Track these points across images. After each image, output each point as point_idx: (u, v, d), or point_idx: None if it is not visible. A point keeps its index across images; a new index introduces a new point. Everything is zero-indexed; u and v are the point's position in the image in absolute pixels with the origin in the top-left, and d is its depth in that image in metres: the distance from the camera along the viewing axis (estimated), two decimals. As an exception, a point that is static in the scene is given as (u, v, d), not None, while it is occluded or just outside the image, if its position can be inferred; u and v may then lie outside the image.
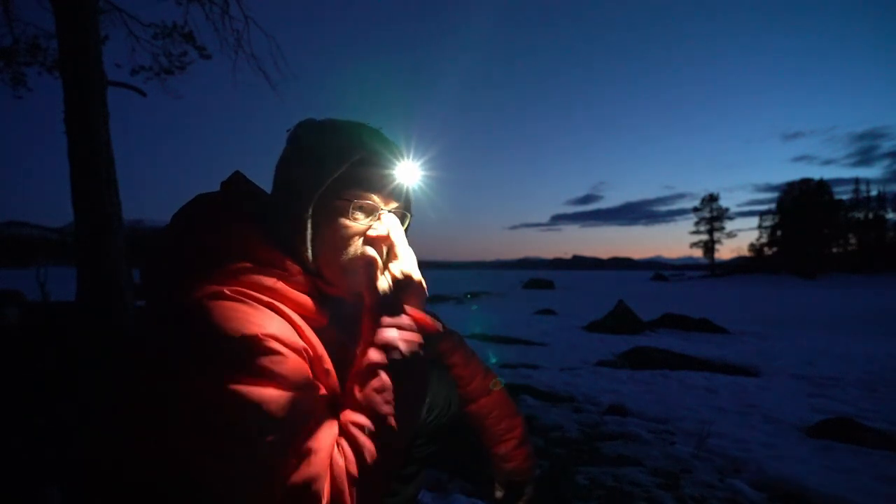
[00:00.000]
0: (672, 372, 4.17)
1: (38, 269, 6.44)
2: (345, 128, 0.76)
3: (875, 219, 50.77)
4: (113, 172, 4.28)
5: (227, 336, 0.56)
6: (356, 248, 0.73)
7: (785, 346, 6.25)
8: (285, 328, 0.62)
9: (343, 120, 0.79)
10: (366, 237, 0.74)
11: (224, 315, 0.58)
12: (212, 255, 0.66)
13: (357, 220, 0.74)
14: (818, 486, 1.68)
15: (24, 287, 6.98)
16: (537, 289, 28.28)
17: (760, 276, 43.67)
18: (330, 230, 0.72)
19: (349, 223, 0.73)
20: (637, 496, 1.63)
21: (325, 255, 0.73)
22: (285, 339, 0.60)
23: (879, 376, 4.16)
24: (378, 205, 0.75)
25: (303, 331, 0.66)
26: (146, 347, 0.62)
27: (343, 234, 0.73)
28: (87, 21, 4.06)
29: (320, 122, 0.78)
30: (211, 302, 0.59)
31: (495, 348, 5.37)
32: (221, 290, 0.61)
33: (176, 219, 0.74)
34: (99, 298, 4.09)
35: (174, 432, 0.57)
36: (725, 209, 60.57)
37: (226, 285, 0.62)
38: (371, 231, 0.74)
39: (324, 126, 0.77)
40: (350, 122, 0.78)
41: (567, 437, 2.24)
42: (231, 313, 0.58)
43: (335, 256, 0.73)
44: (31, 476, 1.44)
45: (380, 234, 0.74)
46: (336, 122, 0.78)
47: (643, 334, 7.59)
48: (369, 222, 0.75)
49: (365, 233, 0.74)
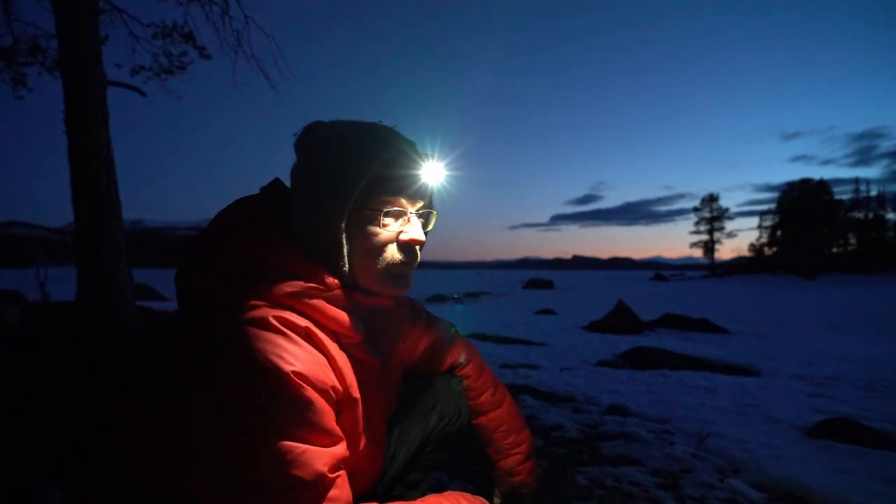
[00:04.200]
0: (672, 372, 4.17)
1: (38, 269, 6.44)
2: (361, 131, 0.74)
3: (875, 219, 50.74)
4: (113, 172, 4.28)
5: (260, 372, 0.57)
6: (391, 255, 0.73)
7: (785, 346, 6.24)
8: (317, 366, 0.63)
9: (356, 122, 0.76)
10: (399, 242, 0.74)
11: (262, 348, 0.59)
12: (258, 269, 0.66)
13: (387, 226, 0.73)
14: (818, 486, 1.68)
15: (24, 287, 6.97)
16: (537, 289, 28.28)
17: (760, 276, 43.67)
18: (361, 240, 0.72)
19: (380, 230, 0.72)
20: (637, 496, 1.63)
21: (361, 265, 0.72)
22: (315, 379, 0.61)
23: (879, 376, 4.15)
24: (406, 208, 0.74)
25: (335, 360, 0.67)
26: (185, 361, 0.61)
27: (375, 242, 0.72)
28: (87, 21, 4.06)
29: (332, 126, 0.75)
30: (254, 330, 0.60)
31: (495, 348, 5.37)
32: (266, 319, 0.61)
33: (217, 224, 0.72)
34: (99, 298, 4.09)
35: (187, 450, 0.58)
36: (725, 209, 60.56)
37: (271, 308, 0.63)
38: (403, 235, 0.74)
39: (339, 132, 0.74)
40: (364, 124, 0.76)
41: (567, 437, 2.24)
42: (268, 347, 0.59)
43: (371, 266, 0.72)
44: (31, 476, 1.44)
45: (413, 238, 0.74)
46: (350, 127, 0.75)
47: (643, 334, 7.58)
48: (400, 227, 0.74)
49: (398, 237, 0.74)
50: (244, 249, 0.68)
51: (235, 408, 0.56)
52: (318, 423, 0.59)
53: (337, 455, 0.61)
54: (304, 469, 0.56)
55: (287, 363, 0.58)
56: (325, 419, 0.61)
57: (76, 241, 4.15)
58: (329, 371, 0.65)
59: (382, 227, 0.72)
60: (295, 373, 0.58)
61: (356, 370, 0.72)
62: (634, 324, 7.96)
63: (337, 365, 0.67)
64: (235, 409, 0.56)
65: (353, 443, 0.70)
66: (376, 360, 0.77)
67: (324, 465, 0.58)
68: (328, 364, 0.66)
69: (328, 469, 0.58)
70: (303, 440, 0.57)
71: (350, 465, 0.68)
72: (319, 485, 0.57)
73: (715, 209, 60.40)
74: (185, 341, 0.63)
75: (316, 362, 0.63)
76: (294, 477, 0.55)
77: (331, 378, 0.65)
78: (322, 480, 0.57)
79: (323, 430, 0.60)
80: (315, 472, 0.56)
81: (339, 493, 0.59)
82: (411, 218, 0.75)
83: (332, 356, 0.67)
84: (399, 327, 0.95)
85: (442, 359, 1.08)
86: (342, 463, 0.62)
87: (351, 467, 0.70)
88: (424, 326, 1.05)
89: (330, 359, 0.66)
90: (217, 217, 0.73)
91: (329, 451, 0.60)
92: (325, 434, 0.60)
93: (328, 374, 0.64)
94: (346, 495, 0.61)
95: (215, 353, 0.59)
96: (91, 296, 4.10)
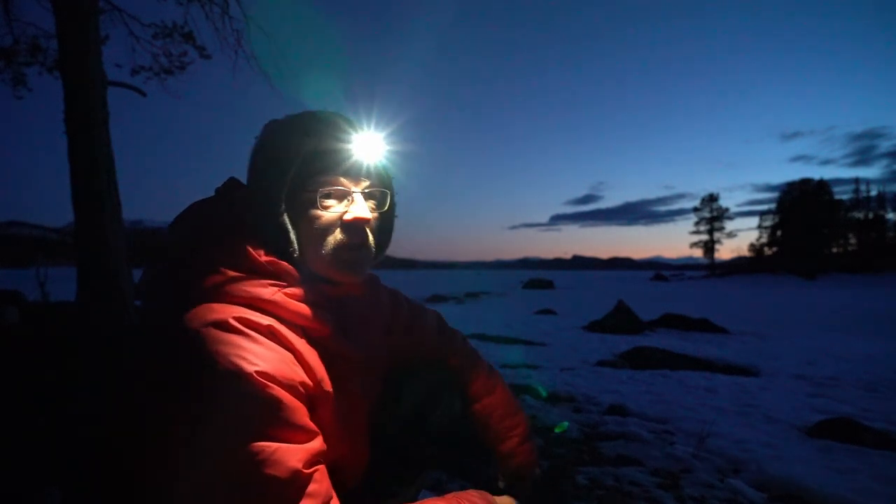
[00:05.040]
0: (672, 372, 4.17)
1: (38, 269, 6.43)
2: (294, 120, 0.75)
3: (875, 219, 50.71)
4: (113, 172, 4.28)
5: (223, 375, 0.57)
6: (335, 237, 0.72)
7: (785, 346, 6.24)
8: (283, 363, 0.63)
9: (296, 113, 0.77)
10: (343, 222, 0.72)
11: (223, 351, 0.59)
12: (216, 270, 0.66)
13: (328, 207, 0.72)
14: (818, 486, 1.68)
15: (24, 287, 6.97)
16: (537, 289, 28.26)
17: (760, 276, 43.63)
18: (306, 225, 0.72)
19: (321, 212, 0.72)
20: (637, 496, 1.63)
21: (310, 252, 0.73)
22: (281, 377, 0.61)
23: (879, 376, 4.15)
24: (348, 187, 0.73)
25: (302, 356, 0.67)
26: (147, 371, 0.62)
27: (318, 225, 0.72)
28: (87, 21, 4.06)
29: (275, 120, 0.77)
30: (214, 333, 0.60)
31: (495, 348, 5.37)
32: (226, 321, 0.61)
33: (176, 229, 0.73)
34: (99, 298, 4.09)
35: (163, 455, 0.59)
36: (725, 209, 60.53)
37: (231, 309, 0.63)
38: (347, 215, 0.72)
39: (276, 123, 0.76)
40: (302, 112, 0.77)
41: (567, 437, 2.24)
42: (229, 349, 0.59)
43: (318, 251, 0.72)
44: (31, 476, 1.44)
45: (357, 216, 0.72)
46: (288, 117, 0.76)
47: (643, 334, 7.58)
48: (344, 208, 0.73)
49: (341, 218, 0.73)
50: (200, 252, 0.68)
51: (203, 413, 0.56)
52: (288, 420, 0.59)
53: (312, 450, 0.61)
54: (277, 467, 0.56)
55: (250, 363, 0.58)
56: (296, 416, 0.60)
57: (76, 241, 4.15)
58: (297, 367, 0.65)
59: (323, 208, 0.72)
60: (259, 372, 0.58)
61: (330, 363, 0.71)
62: (634, 324, 7.95)
63: (305, 360, 0.67)
64: (203, 414, 0.56)
65: (333, 437, 0.70)
66: (352, 351, 0.77)
67: (298, 461, 0.58)
68: (295, 360, 0.65)
69: (303, 465, 0.58)
70: (274, 439, 0.57)
71: (331, 459, 0.68)
72: (296, 482, 0.57)
73: (715, 209, 60.40)
74: (151, 348, 0.64)
75: (282, 359, 0.63)
76: (269, 476, 0.55)
77: (299, 374, 0.64)
78: (298, 477, 0.57)
79: (294, 427, 0.60)
80: (289, 469, 0.56)
81: (318, 487, 0.59)
82: (355, 197, 0.73)
83: (299, 352, 0.66)
84: (378, 317, 0.94)
85: (429, 348, 1.07)
86: (319, 457, 0.62)
87: (333, 461, 0.70)
88: (407, 316, 1.04)
89: (297, 354, 0.66)
90: (174, 221, 0.74)
91: (303, 447, 0.59)
92: (296, 430, 0.60)
93: (295, 371, 0.64)
94: (325, 489, 0.60)
95: (179, 359, 0.59)
96: (91, 296, 4.10)
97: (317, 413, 0.68)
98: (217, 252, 0.68)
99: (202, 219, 0.74)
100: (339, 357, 0.74)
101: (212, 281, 0.66)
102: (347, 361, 0.76)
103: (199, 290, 0.65)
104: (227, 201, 0.76)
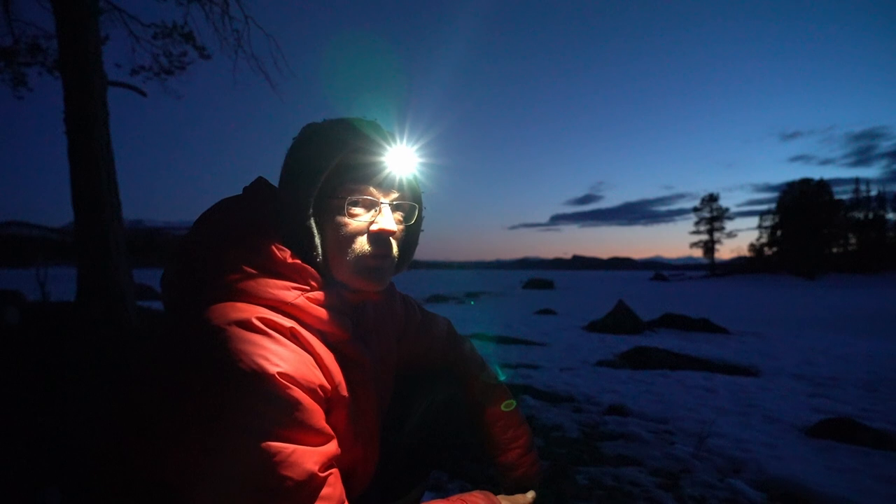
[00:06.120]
0: (672, 372, 4.17)
1: (38, 269, 6.43)
2: (335, 123, 0.75)
3: (875, 219, 50.71)
4: (113, 172, 4.28)
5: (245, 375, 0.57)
6: (361, 246, 0.72)
7: (785, 346, 6.24)
8: (304, 365, 0.63)
9: (332, 119, 0.77)
10: (369, 233, 0.72)
11: (246, 350, 0.58)
12: (240, 270, 0.66)
13: (356, 216, 0.72)
14: (818, 486, 1.68)
15: (24, 287, 6.98)
16: (537, 289, 28.26)
17: (760, 276, 43.65)
18: (332, 232, 0.71)
19: (348, 220, 0.71)
20: (637, 496, 1.63)
21: (334, 258, 0.72)
22: (301, 380, 0.60)
23: (879, 376, 4.16)
24: (377, 198, 0.73)
25: (322, 359, 0.67)
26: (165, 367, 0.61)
27: (344, 233, 0.71)
28: (87, 21, 4.06)
29: (311, 124, 0.77)
30: (238, 332, 0.59)
31: (495, 348, 5.37)
32: (250, 320, 0.60)
33: (199, 227, 0.72)
34: (99, 298, 4.09)
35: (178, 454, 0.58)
36: (725, 209, 60.55)
37: (255, 309, 0.63)
38: (374, 226, 0.72)
39: (317, 126, 0.76)
40: (337, 119, 0.77)
41: (567, 437, 2.24)
42: (252, 349, 0.58)
43: (342, 258, 0.72)
44: (31, 476, 1.44)
45: (381, 227, 0.72)
46: (324, 122, 0.76)
47: (643, 334, 7.58)
48: (371, 218, 0.73)
49: (368, 228, 0.72)
50: (225, 250, 0.68)
51: (222, 412, 0.56)
52: (306, 422, 0.59)
53: (328, 453, 0.61)
54: (293, 469, 0.56)
55: (272, 364, 0.58)
56: (314, 418, 0.61)
57: (76, 241, 4.15)
58: (316, 370, 0.65)
59: (350, 216, 0.71)
60: (280, 373, 0.58)
61: (347, 368, 0.72)
62: (634, 324, 7.96)
63: (324, 364, 0.67)
64: (222, 412, 0.56)
65: (346, 441, 0.70)
66: (367, 357, 0.77)
67: (314, 464, 0.58)
68: (315, 363, 0.65)
69: (319, 468, 0.58)
70: (291, 440, 0.57)
71: (344, 464, 0.68)
72: (311, 484, 0.57)
73: (715, 209, 60.42)
74: (172, 345, 0.63)
75: (302, 362, 0.63)
76: (284, 477, 0.55)
77: (318, 377, 0.64)
78: (313, 479, 0.57)
79: (312, 430, 0.60)
80: (305, 471, 0.56)
81: (332, 490, 0.59)
82: (383, 208, 0.73)
83: (319, 355, 0.67)
84: (392, 324, 0.95)
85: (438, 355, 1.08)
86: (334, 461, 0.62)
87: (345, 465, 0.70)
88: (419, 322, 1.05)
89: (317, 358, 0.66)
90: (199, 219, 0.74)
91: (319, 449, 0.60)
92: (314, 433, 0.60)
93: (315, 374, 0.64)
94: (338, 493, 0.61)
95: (201, 357, 0.59)
96: (91, 296, 4.10)
97: (332, 417, 0.68)
98: (241, 251, 0.67)
99: (229, 216, 0.73)
100: (355, 363, 0.75)
101: (235, 279, 0.65)
102: (362, 367, 0.76)
103: (221, 289, 0.65)
104: (254, 201, 0.75)
